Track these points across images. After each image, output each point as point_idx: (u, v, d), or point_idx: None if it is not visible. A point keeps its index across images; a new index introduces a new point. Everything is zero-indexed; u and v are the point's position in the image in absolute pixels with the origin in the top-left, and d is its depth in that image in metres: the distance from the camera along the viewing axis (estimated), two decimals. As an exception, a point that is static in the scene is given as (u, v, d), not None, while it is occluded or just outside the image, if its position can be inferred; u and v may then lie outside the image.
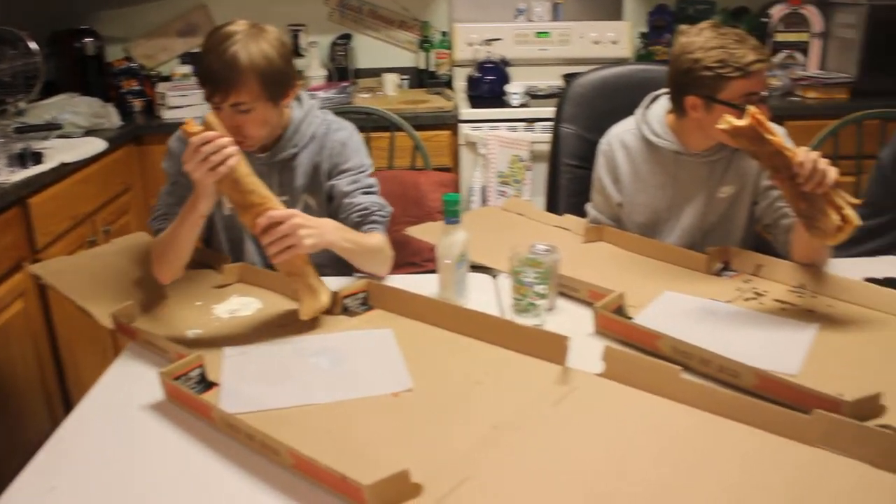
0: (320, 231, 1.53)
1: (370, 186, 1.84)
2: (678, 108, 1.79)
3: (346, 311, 1.60)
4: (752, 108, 1.49)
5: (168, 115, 3.24)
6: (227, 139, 1.45)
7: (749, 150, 1.51)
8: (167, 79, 3.49)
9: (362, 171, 1.84)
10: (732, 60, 1.64)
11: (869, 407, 1.17)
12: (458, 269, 1.59)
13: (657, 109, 1.90)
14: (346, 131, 1.84)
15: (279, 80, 1.63)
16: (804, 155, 1.46)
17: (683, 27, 1.74)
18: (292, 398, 1.28)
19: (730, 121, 1.48)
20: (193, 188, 1.52)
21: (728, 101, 1.66)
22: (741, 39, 1.66)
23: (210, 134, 1.43)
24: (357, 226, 1.79)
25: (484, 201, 3.17)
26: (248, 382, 1.35)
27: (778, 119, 3.21)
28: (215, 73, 1.56)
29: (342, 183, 1.81)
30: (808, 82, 3.40)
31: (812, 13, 3.59)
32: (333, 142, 1.82)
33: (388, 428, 1.20)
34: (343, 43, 3.69)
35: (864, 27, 3.30)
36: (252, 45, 1.57)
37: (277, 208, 1.49)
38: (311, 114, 1.81)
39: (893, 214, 1.97)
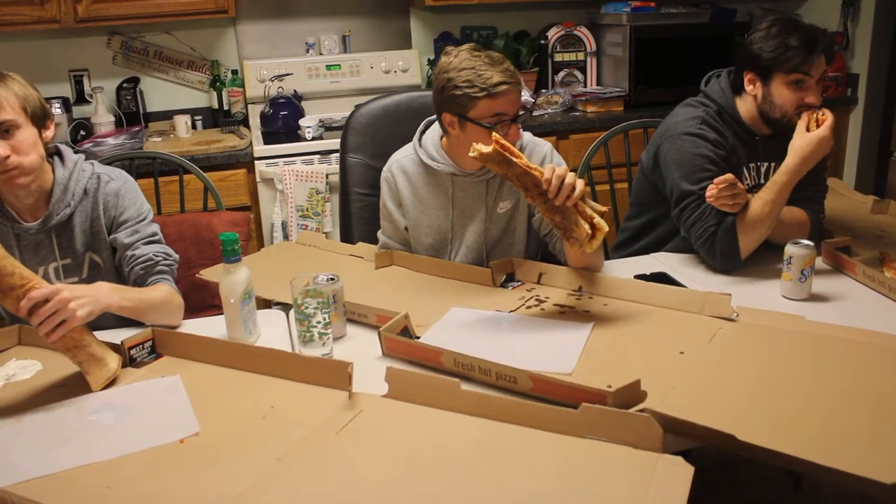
0: (93, 298, 1.47)
1: (153, 235, 1.80)
2: (441, 125, 1.86)
3: (134, 361, 1.54)
4: (495, 135, 1.56)
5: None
6: None
7: (500, 172, 1.57)
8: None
9: (141, 221, 1.79)
10: (479, 81, 1.72)
11: (630, 395, 1.26)
12: (243, 306, 1.57)
13: (432, 134, 1.96)
14: (118, 181, 1.79)
15: (39, 107, 1.65)
16: (550, 172, 1.55)
17: (448, 48, 1.82)
18: (71, 460, 1.22)
19: (477, 148, 1.54)
20: None
21: (477, 120, 1.74)
22: (493, 62, 1.74)
23: None
24: (142, 278, 1.75)
25: (287, 236, 3.15)
26: (20, 452, 1.27)
27: (562, 133, 3.43)
28: None
29: (122, 235, 1.77)
30: (587, 97, 3.63)
31: (585, 34, 3.84)
32: (107, 194, 1.77)
33: (171, 476, 1.17)
34: (130, 87, 3.56)
35: (629, 46, 3.57)
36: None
37: (39, 287, 1.41)
38: (77, 169, 1.75)
39: (657, 211, 2.13)
